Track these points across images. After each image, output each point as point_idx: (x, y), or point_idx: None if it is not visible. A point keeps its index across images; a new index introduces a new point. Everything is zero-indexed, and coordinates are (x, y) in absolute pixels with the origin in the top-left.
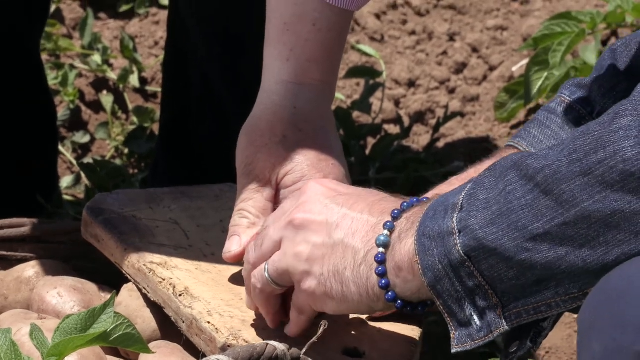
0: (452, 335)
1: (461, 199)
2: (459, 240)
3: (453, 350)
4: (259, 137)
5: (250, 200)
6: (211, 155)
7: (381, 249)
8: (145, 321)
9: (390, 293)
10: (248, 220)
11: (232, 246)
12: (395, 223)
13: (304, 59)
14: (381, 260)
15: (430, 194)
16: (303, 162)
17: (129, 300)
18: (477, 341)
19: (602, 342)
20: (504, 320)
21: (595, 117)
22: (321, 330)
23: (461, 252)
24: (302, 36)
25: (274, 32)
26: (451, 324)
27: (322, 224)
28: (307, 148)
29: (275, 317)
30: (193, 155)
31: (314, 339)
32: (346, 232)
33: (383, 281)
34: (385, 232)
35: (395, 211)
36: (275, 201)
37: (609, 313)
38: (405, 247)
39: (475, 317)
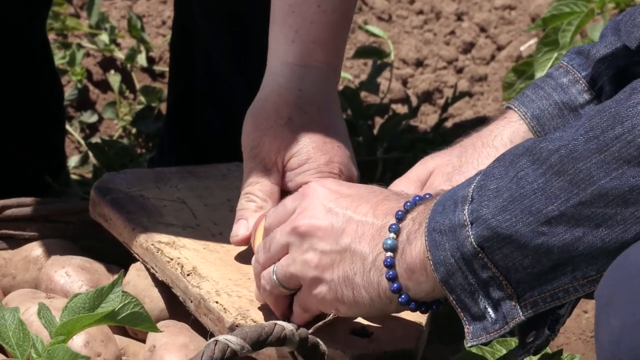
0: (466, 330)
1: (471, 191)
2: (472, 231)
3: (468, 345)
4: (264, 120)
5: (257, 184)
6: (216, 136)
7: (389, 253)
8: (153, 300)
9: (403, 296)
10: (255, 204)
11: (239, 230)
12: (400, 225)
13: (309, 41)
14: (390, 264)
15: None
16: (308, 144)
17: (136, 279)
18: (492, 334)
19: (621, 317)
20: (519, 310)
21: (589, 80)
22: (331, 317)
23: (474, 243)
24: (307, 18)
25: (280, 14)
26: (464, 318)
27: (327, 229)
28: (312, 130)
29: (285, 313)
30: (199, 135)
31: (322, 322)
32: (352, 237)
33: (395, 285)
34: (392, 235)
35: (400, 212)
36: (282, 184)
37: (628, 289)
38: (416, 248)
39: (489, 310)
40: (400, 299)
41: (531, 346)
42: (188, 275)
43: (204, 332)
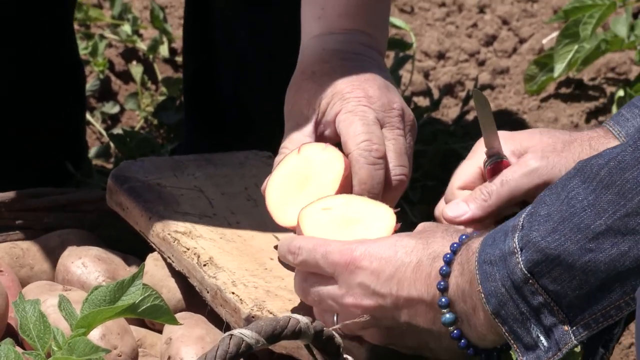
0: None
1: (521, 220)
2: (521, 257)
3: None
4: (293, 84)
5: (287, 139)
6: (233, 110)
7: (451, 327)
8: (171, 291)
9: (475, 353)
10: (283, 155)
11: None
12: (449, 296)
13: (335, 15)
14: (458, 337)
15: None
16: (332, 87)
17: (154, 269)
18: None
19: None
20: (571, 335)
21: None
22: (361, 319)
23: (524, 269)
24: None
25: None
26: (518, 349)
27: (381, 308)
28: (336, 76)
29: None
30: (216, 109)
31: (351, 322)
32: (408, 315)
33: (470, 351)
34: (445, 312)
35: (441, 283)
36: (321, 134)
37: None
38: (481, 315)
39: (542, 338)
40: (469, 352)
41: None
42: (204, 265)
43: (220, 323)
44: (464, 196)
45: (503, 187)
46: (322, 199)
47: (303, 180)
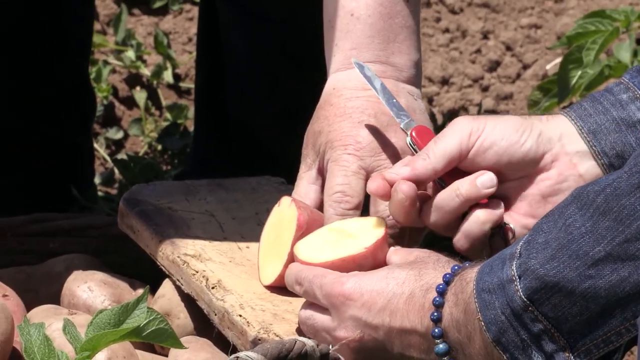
0: None
1: (519, 248)
2: (520, 285)
3: None
4: (311, 123)
5: (297, 187)
6: (238, 127)
7: (445, 358)
8: (188, 316)
9: None
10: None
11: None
12: (442, 327)
13: (348, 49)
14: None
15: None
16: (328, 131)
17: (171, 292)
18: None
19: None
20: None
21: None
22: (357, 335)
23: (523, 297)
24: (343, 29)
25: (324, 32)
26: None
27: (374, 340)
28: (333, 118)
29: None
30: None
31: (347, 340)
32: (401, 346)
33: None
34: (439, 342)
35: (434, 314)
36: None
37: None
38: (476, 344)
39: None
40: None
41: None
42: (213, 288)
43: (228, 347)
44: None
45: (438, 144)
46: (314, 232)
47: (275, 236)
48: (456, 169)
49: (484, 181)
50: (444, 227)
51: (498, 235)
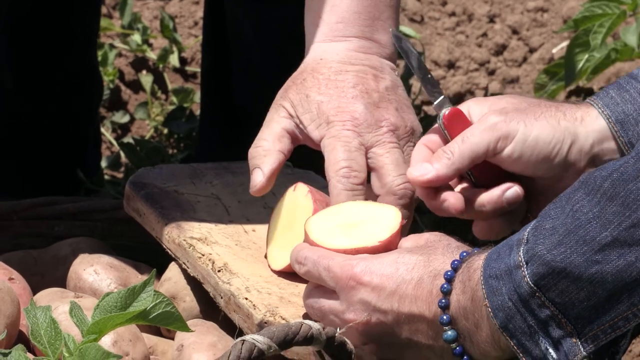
0: None
1: (526, 234)
2: (527, 271)
3: None
4: (287, 82)
5: (266, 131)
6: (243, 109)
7: (453, 345)
8: (194, 299)
9: None
10: (262, 148)
11: (255, 179)
12: (450, 314)
13: (334, 22)
14: (461, 353)
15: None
16: (319, 100)
17: (178, 276)
18: None
19: None
20: (581, 347)
21: None
22: (360, 320)
23: (530, 282)
24: (328, 2)
25: (307, 2)
26: None
27: (382, 325)
28: (324, 88)
29: None
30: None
31: (355, 323)
32: (409, 332)
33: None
34: (447, 329)
35: (442, 301)
36: (294, 134)
37: None
38: (483, 332)
39: (550, 350)
40: None
41: None
42: (219, 271)
43: (234, 330)
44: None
45: (464, 143)
46: (326, 209)
47: (288, 223)
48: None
49: (509, 198)
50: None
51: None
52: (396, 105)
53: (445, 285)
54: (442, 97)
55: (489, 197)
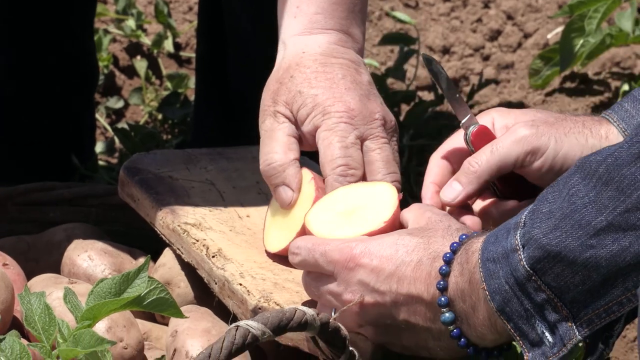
0: (525, 358)
1: (524, 217)
2: (523, 254)
3: None
4: (272, 84)
5: (272, 143)
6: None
7: (451, 327)
8: (188, 285)
9: (475, 351)
10: (277, 164)
11: (287, 197)
12: (448, 295)
13: (312, 13)
14: (458, 336)
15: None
16: (313, 94)
17: (172, 261)
18: (550, 358)
19: None
20: (576, 331)
21: None
22: (356, 300)
23: (526, 266)
24: None
25: None
26: (524, 345)
27: (380, 306)
28: (315, 82)
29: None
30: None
31: (346, 307)
32: (407, 313)
33: (470, 350)
34: (445, 311)
35: (440, 282)
36: (299, 136)
37: None
38: (480, 315)
39: (546, 334)
40: (469, 351)
41: None
42: (213, 257)
43: (228, 316)
44: (455, 175)
45: (493, 155)
46: (321, 200)
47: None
48: None
49: None
50: None
51: None
52: (380, 100)
53: (443, 267)
54: (469, 115)
55: (510, 208)
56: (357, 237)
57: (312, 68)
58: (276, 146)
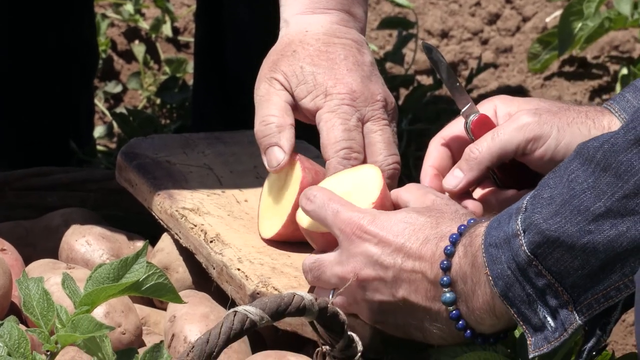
0: (528, 342)
1: (525, 203)
2: (524, 239)
3: (530, 356)
4: (273, 55)
5: (270, 105)
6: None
7: (451, 307)
8: (187, 270)
9: (472, 336)
10: (274, 124)
11: (277, 157)
12: (451, 276)
13: None
14: (457, 317)
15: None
16: (314, 72)
17: (170, 247)
18: (552, 342)
19: None
20: (576, 315)
21: None
22: (350, 281)
23: (527, 251)
24: None
25: None
26: (527, 330)
27: (380, 280)
28: (318, 60)
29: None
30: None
31: (342, 289)
32: (408, 290)
33: (467, 333)
34: (446, 291)
35: (444, 262)
36: (296, 111)
37: None
38: (479, 298)
39: (548, 318)
40: (467, 336)
41: (584, 348)
42: (211, 242)
43: (226, 301)
44: (457, 164)
45: (494, 141)
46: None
47: (278, 190)
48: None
49: None
50: None
51: None
52: (382, 81)
53: (449, 247)
54: (469, 103)
55: (509, 197)
56: (366, 209)
57: (315, 47)
58: (274, 109)
